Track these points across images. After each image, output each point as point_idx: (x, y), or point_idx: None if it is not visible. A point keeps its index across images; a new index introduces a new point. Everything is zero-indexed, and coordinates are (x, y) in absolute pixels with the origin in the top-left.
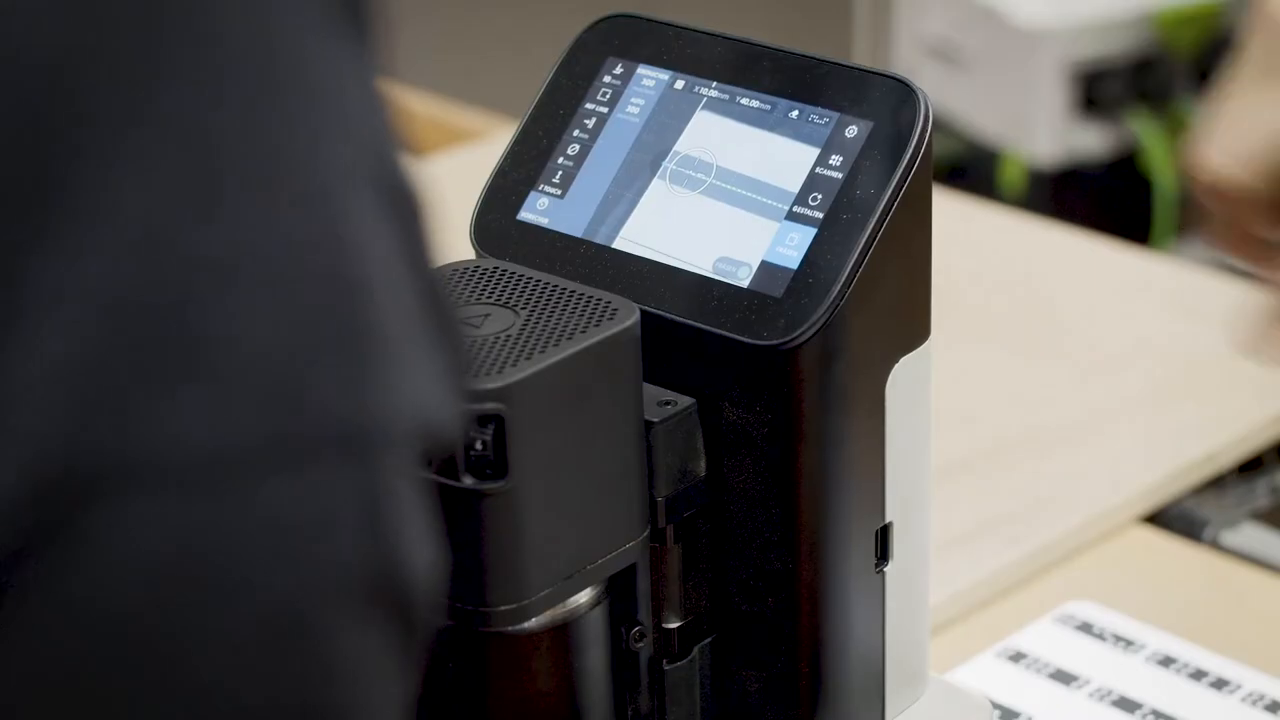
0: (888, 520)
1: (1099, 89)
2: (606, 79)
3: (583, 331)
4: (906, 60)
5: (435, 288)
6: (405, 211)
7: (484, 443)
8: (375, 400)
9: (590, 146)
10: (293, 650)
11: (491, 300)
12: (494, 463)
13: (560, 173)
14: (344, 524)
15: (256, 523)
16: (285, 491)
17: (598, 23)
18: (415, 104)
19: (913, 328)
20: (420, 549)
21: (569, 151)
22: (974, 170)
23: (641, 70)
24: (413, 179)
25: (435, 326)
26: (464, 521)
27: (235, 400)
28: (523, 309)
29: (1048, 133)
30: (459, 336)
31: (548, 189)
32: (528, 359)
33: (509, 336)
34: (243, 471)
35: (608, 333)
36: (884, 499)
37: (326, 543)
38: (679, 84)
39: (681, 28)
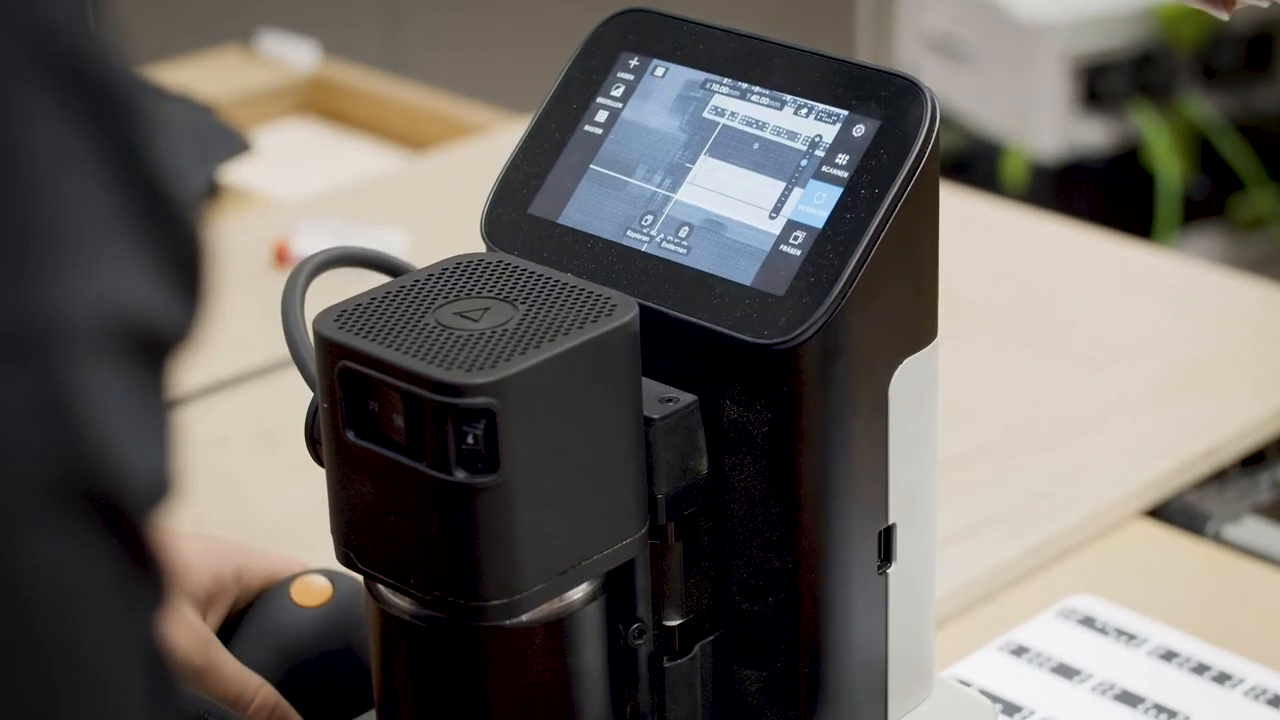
0: (891, 522)
1: (1101, 83)
2: (620, 74)
3: (579, 327)
4: (909, 55)
5: (148, 181)
6: (102, 106)
7: (476, 437)
8: (45, 297)
9: (602, 141)
10: None
11: (492, 294)
12: (486, 457)
13: (572, 167)
14: (18, 428)
15: None
16: None
17: (613, 17)
18: (422, 99)
19: (918, 329)
20: (132, 448)
21: (581, 146)
22: (976, 164)
23: (655, 65)
24: (116, 75)
25: (143, 219)
26: (457, 515)
27: None
28: (522, 303)
29: (1050, 127)
30: (181, 229)
31: (559, 183)
32: (522, 354)
33: (505, 331)
34: None
35: (604, 329)
36: (887, 500)
37: None
38: (692, 79)
39: (696, 24)
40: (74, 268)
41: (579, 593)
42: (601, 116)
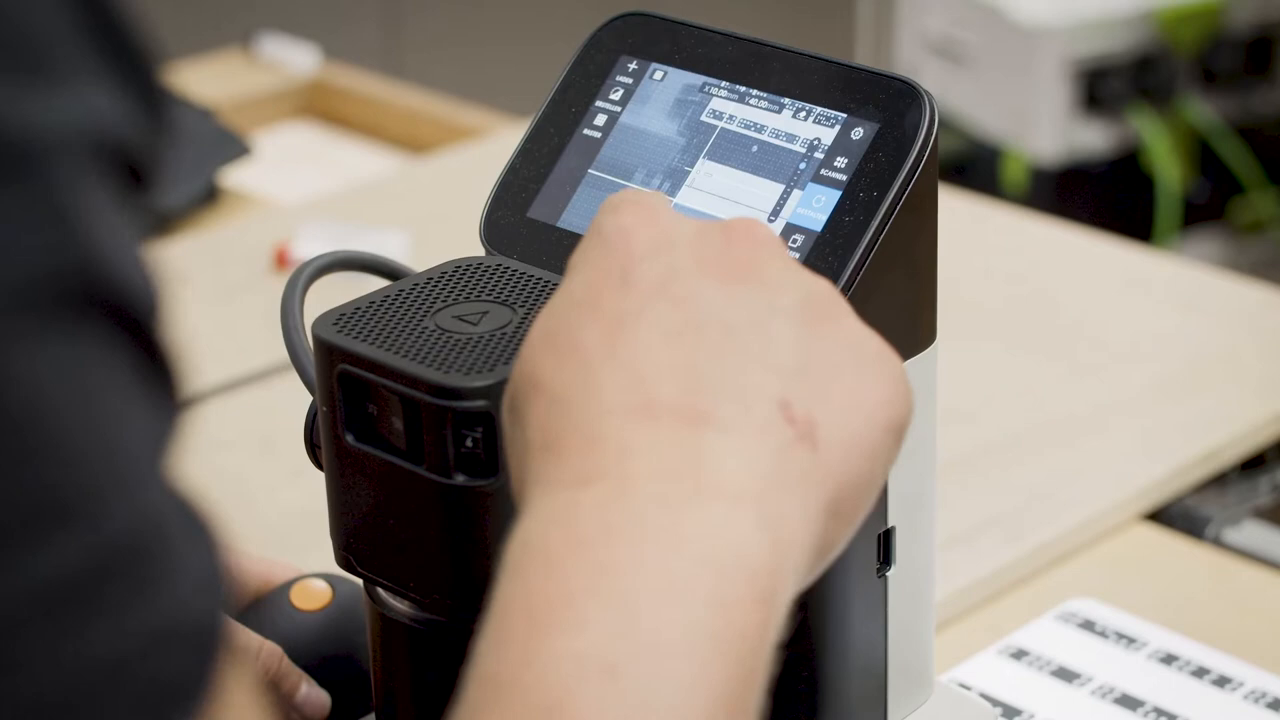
0: (890, 525)
1: (1101, 86)
2: (619, 77)
3: None
4: (909, 57)
5: (107, 13)
6: None
7: (475, 440)
8: (32, 112)
9: (601, 145)
10: None
11: (491, 298)
12: (485, 460)
13: (571, 171)
14: (20, 231)
15: None
16: None
17: (611, 21)
18: (422, 102)
19: (917, 332)
20: (124, 258)
21: (580, 149)
22: (976, 167)
23: (653, 69)
24: None
25: (108, 47)
26: (456, 518)
27: None
28: (521, 307)
29: (1050, 130)
30: (143, 56)
31: (558, 187)
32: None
33: (504, 334)
34: None
35: None
36: (886, 503)
37: None
38: (691, 83)
39: (694, 27)
40: (55, 87)
41: None
42: (600, 120)
